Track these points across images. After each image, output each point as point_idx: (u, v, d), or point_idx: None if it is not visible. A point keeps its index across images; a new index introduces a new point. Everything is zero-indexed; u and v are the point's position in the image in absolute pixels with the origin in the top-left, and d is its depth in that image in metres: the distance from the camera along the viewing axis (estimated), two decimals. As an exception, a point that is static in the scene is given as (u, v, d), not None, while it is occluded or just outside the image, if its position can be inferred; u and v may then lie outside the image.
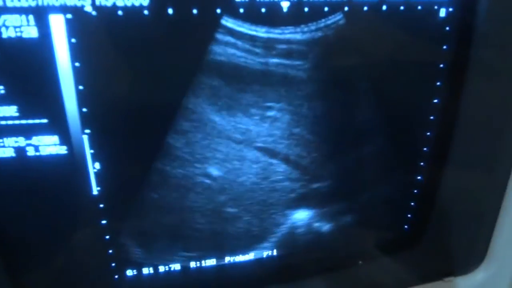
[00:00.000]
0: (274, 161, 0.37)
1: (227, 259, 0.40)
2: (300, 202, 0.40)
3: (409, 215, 0.45)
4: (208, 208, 0.37)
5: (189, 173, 0.35)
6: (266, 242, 0.41)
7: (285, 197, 0.39)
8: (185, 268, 0.39)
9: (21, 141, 0.31)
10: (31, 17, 0.28)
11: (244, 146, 0.36)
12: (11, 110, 0.30)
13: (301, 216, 0.41)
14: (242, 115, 0.35)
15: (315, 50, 0.34)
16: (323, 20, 0.33)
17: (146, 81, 0.32)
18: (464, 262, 0.47)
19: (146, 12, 0.29)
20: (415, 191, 0.44)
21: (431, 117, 0.40)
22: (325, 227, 0.43)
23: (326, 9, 0.32)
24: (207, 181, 0.36)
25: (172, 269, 0.39)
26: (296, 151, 0.38)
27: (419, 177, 0.43)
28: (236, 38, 0.32)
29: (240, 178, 0.37)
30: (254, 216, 0.39)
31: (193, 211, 0.37)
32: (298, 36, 0.33)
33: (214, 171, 0.36)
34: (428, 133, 0.41)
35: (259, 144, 0.36)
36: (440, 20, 0.36)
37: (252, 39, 0.32)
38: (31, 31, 0.28)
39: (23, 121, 0.30)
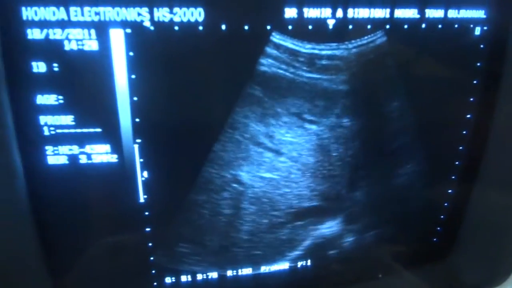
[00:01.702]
0: (303, 171, 0.38)
1: (263, 268, 0.41)
2: (331, 214, 0.41)
3: (438, 228, 0.46)
4: (244, 217, 0.38)
5: (228, 181, 0.36)
6: (294, 252, 0.42)
7: (314, 210, 0.40)
8: (222, 276, 0.40)
9: (75, 149, 0.32)
10: (92, 31, 0.29)
11: (280, 156, 0.37)
12: (68, 119, 0.31)
13: (330, 229, 0.42)
14: (278, 125, 0.36)
15: (355, 66, 0.35)
16: (365, 37, 0.34)
17: (196, 94, 0.33)
18: (492, 275, 0.47)
19: (201, 27, 0.30)
20: (446, 204, 0.44)
21: (464, 132, 0.41)
22: (356, 239, 0.43)
23: (369, 26, 0.34)
24: (242, 188, 0.37)
25: (209, 277, 0.40)
26: (330, 164, 0.39)
27: (450, 191, 0.44)
28: (282, 52, 0.33)
29: (273, 187, 0.38)
30: (283, 226, 0.40)
31: (230, 220, 0.38)
32: (340, 52, 0.34)
33: (248, 179, 0.37)
34: (461, 148, 0.42)
35: (294, 155, 0.37)
36: (475, 38, 0.37)
37: (297, 54, 0.34)
38: (92, 45, 0.29)
39: (78, 130, 0.31)
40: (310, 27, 0.33)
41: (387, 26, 0.34)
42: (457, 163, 0.42)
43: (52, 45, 0.29)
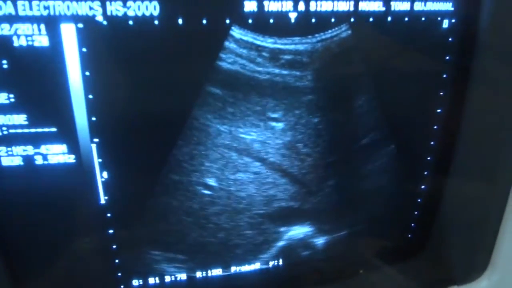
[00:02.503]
0: (275, 172, 0.37)
1: (233, 268, 0.40)
2: (302, 213, 0.40)
3: (412, 224, 0.45)
4: (211, 218, 0.37)
5: (192, 182, 0.35)
6: (267, 253, 0.41)
7: (286, 208, 0.39)
8: (191, 278, 0.39)
9: (29, 149, 0.31)
10: (42, 26, 0.28)
11: (245, 157, 0.36)
12: (20, 119, 0.30)
13: (303, 227, 0.41)
14: (245, 125, 0.35)
15: (320, 61, 0.34)
16: (329, 30, 0.33)
17: (155, 91, 0.32)
18: (467, 271, 0.47)
19: (156, 22, 0.29)
20: (419, 200, 0.44)
21: (435, 127, 0.40)
22: (328, 237, 0.43)
23: (332, 20, 0.33)
24: (208, 191, 0.36)
25: (178, 278, 0.39)
26: (298, 162, 0.38)
27: (422, 186, 0.43)
28: (243, 47, 0.32)
29: (240, 188, 0.37)
30: (255, 227, 0.39)
31: (197, 221, 0.37)
32: (304, 47, 0.33)
33: (214, 181, 0.36)
34: (432, 143, 0.41)
35: (261, 155, 0.36)
36: (443, 31, 0.37)
37: (258, 49, 0.33)
38: (42, 40, 0.28)
39: (32, 130, 0.30)
40: (271, 20, 0.32)
41: (352, 19, 0.33)
42: (428, 158, 0.42)
43: (0, 41, 0.27)
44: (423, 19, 0.35)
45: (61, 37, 0.28)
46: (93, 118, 0.31)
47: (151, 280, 0.38)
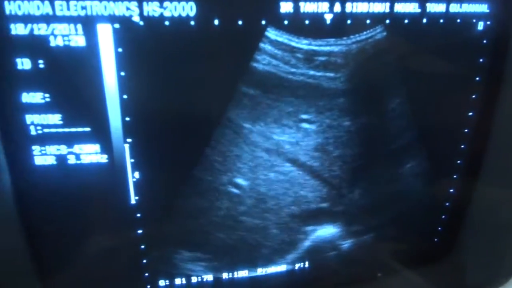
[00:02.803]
0: (305, 173, 0.37)
1: (259, 270, 0.40)
2: (330, 214, 0.40)
3: (439, 228, 0.45)
4: (240, 218, 0.37)
5: (222, 183, 0.35)
6: (294, 254, 0.41)
7: (315, 210, 0.39)
8: (217, 279, 0.39)
9: (63, 149, 0.31)
10: (79, 26, 0.28)
11: (276, 157, 0.36)
12: (55, 118, 0.30)
13: (331, 229, 0.41)
14: (277, 126, 0.35)
15: (354, 62, 0.34)
16: (364, 32, 0.33)
17: (189, 91, 0.32)
18: (493, 276, 0.47)
19: (192, 22, 0.29)
20: (447, 204, 0.43)
21: (466, 130, 0.40)
22: (355, 240, 0.42)
23: (368, 21, 0.32)
24: (237, 191, 0.36)
25: (204, 279, 0.39)
26: (328, 164, 0.37)
27: (451, 190, 0.43)
28: (278, 48, 0.32)
29: (270, 188, 0.37)
30: (283, 228, 0.39)
31: (226, 221, 0.37)
32: (338, 48, 0.33)
33: (244, 180, 0.36)
34: (462, 146, 0.40)
35: (292, 156, 0.36)
36: (477, 33, 0.36)
37: (293, 50, 0.32)
38: (78, 40, 0.28)
39: (66, 129, 0.30)
40: (306, 22, 0.31)
41: (387, 21, 0.33)
42: (458, 162, 0.41)
43: (37, 41, 0.27)
44: (458, 21, 0.35)
45: (98, 37, 0.28)
46: (127, 118, 0.31)
47: (178, 281, 0.38)
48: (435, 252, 0.46)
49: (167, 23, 0.29)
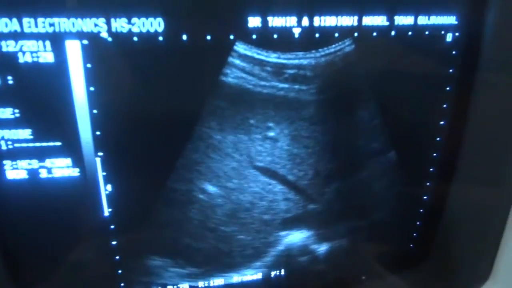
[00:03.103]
0: (277, 181, 0.38)
1: (235, 278, 0.41)
2: (304, 221, 0.40)
3: (414, 234, 0.45)
4: (214, 227, 0.38)
5: (195, 193, 0.36)
6: (270, 261, 0.41)
7: (289, 217, 0.40)
8: (194, 288, 0.40)
9: (34, 163, 0.31)
10: (47, 42, 0.28)
11: (249, 167, 0.36)
12: (25, 133, 0.30)
13: (305, 235, 0.41)
14: (248, 137, 0.35)
15: (323, 75, 0.34)
16: (333, 45, 0.33)
17: (159, 105, 0.32)
18: (469, 280, 0.47)
19: (161, 38, 0.29)
20: (421, 210, 0.44)
21: (438, 139, 0.41)
22: (330, 245, 0.43)
23: (336, 35, 0.33)
24: (211, 201, 0.36)
25: (180, 288, 0.39)
26: (301, 172, 0.38)
27: (425, 197, 0.43)
28: (246, 62, 0.32)
29: (244, 197, 0.37)
30: (257, 235, 0.39)
31: (201, 230, 0.37)
32: (307, 61, 0.33)
33: (217, 191, 0.36)
34: (435, 154, 0.41)
35: (264, 165, 0.37)
36: (446, 44, 0.37)
37: (262, 63, 0.33)
38: (47, 56, 0.28)
39: (37, 144, 0.31)
40: (275, 36, 0.32)
41: (355, 34, 0.33)
42: (431, 169, 0.42)
43: (5, 57, 0.28)
44: (426, 33, 0.35)
45: (66, 53, 0.29)
46: (98, 133, 0.31)
47: (154, 290, 0.39)
48: (411, 257, 0.47)
49: (135, 38, 0.29)
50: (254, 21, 0.31)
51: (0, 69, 0.28)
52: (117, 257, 0.36)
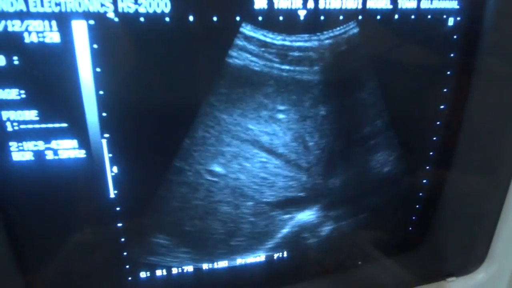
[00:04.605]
0: (282, 162, 0.38)
1: (239, 261, 0.41)
2: (306, 203, 0.41)
3: (413, 217, 0.46)
4: (219, 208, 0.38)
5: (201, 174, 0.36)
6: (272, 243, 0.42)
7: (291, 199, 0.40)
8: (198, 270, 0.40)
9: (40, 144, 0.31)
10: (53, 22, 0.28)
11: (254, 147, 0.36)
12: (31, 114, 0.30)
13: (306, 218, 0.42)
14: (254, 117, 0.35)
15: (327, 57, 0.35)
16: (337, 28, 0.34)
17: (165, 86, 0.32)
18: (465, 263, 0.49)
19: (167, 19, 0.29)
20: (421, 194, 0.45)
21: (438, 123, 0.41)
22: (330, 229, 0.44)
23: (341, 17, 0.33)
24: (217, 181, 0.37)
25: (185, 270, 0.40)
26: (304, 154, 0.38)
27: (424, 181, 0.44)
28: (252, 44, 0.32)
29: (248, 178, 0.38)
30: (261, 217, 0.40)
31: (206, 212, 0.38)
32: (312, 44, 0.34)
33: (223, 171, 0.36)
34: (435, 138, 0.42)
35: (269, 146, 0.37)
36: (448, 28, 0.37)
37: (268, 45, 0.33)
38: (53, 37, 0.28)
39: (43, 125, 0.30)
40: (280, 18, 0.32)
41: (360, 17, 0.34)
42: (431, 153, 0.43)
43: (11, 37, 0.27)
44: (429, 17, 0.36)
45: (72, 33, 0.28)
46: (104, 114, 0.31)
47: (159, 272, 0.39)
48: (409, 240, 0.47)
49: (142, 19, 0.29)
50: (260, 3, 0.31)
51: (6, 49, 0.28)
52: (123, 239, 0.36)
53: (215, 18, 0.30)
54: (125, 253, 0.37)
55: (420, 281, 0.48)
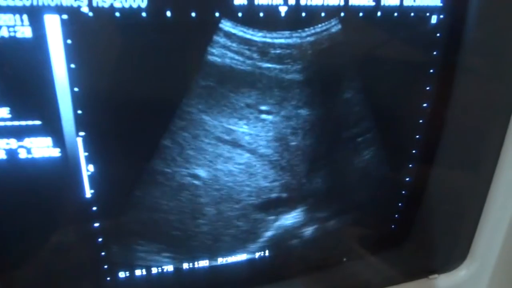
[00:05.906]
0: (264, 163, 0.38)
1: (220, 260, 0.41)
2: (289, 203, 0.41)
3: (396, 215, 0.46)
4: (199, 209, 0.37)
5: (181, 174, 0.35)
6: (255, 243, 0.42)
7: (274, 199, 0.40)
8: (178, 269, 0.39)
9: (12, 143, 0.30)
10: (25, 16, 0.27)
11: (236, 148, 0.36)
12: (3, 112, 0.29)
13: (289, 217, 0.41)
14: (235, 117, 0.35)
15: (309, 55, 0.34)
16: (319, 25, 0.33)
17: (143, 83, 0.31)
18: (448, 260, 0.49)
19: (144, 14, 0.29)
20: (403, 192, 0.45)
21: (420, 121, 0.41)
22: (314, 227, 0.43)
23: (322, 14, 0.33)
24: (197, 182, 0.36)
25: (164, 270, 0.39)
26: (287, 153, 0.38)
27: (407, 179, 0.44)
28: (232, 41, 0.32)
29: (229, 179, 0.37)
30: (243, 217, 0.39)
31: (185, 212, 0.37)
32: (293, 41, 0.33)
33: (203, 172, 0.36)
34: (417, 136, 0.42)
35: (251, 146, 0.36)
36: (431, 26, 0.37)
37: (248, 42, 0.32)
38: (25, 31, 0.27)
39: (15, 123, 0.29)
40: (261, 14, 0.31)
41: (342, 14, 0.33)
42: (414, 151, 0.43)
43: (-20, 32, 0.26)
44: (412, 14, 0.36)
45: (45, 28, 0.27)
46: (79, 111, 0.30)
47: (138, 272, 0.38)
48: (392, 238, 0.47)
49: (117, 14, 0.28)
50: (240, -2, 0.30)
51: (-25, 44, 0.27)
52: (100, 239, 0.35)
53: (193, 14, 0.30)
54: (102, 253, 0.36)
55: (403, 278, 0.48)
